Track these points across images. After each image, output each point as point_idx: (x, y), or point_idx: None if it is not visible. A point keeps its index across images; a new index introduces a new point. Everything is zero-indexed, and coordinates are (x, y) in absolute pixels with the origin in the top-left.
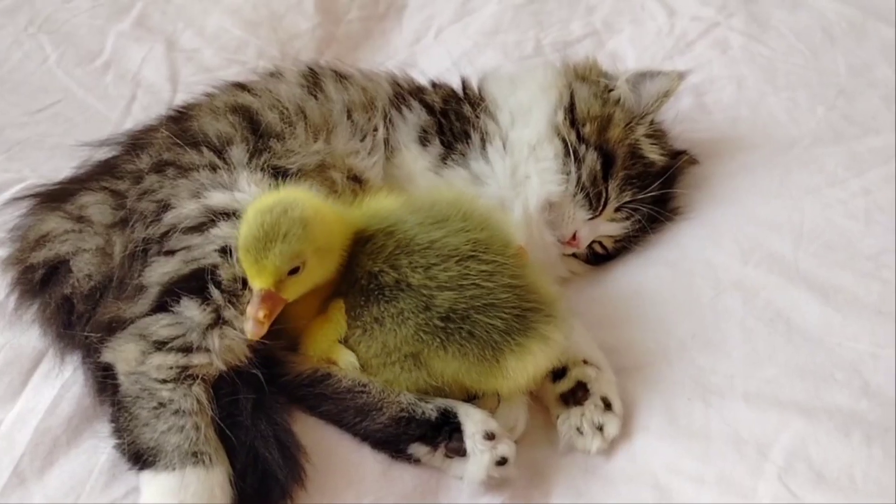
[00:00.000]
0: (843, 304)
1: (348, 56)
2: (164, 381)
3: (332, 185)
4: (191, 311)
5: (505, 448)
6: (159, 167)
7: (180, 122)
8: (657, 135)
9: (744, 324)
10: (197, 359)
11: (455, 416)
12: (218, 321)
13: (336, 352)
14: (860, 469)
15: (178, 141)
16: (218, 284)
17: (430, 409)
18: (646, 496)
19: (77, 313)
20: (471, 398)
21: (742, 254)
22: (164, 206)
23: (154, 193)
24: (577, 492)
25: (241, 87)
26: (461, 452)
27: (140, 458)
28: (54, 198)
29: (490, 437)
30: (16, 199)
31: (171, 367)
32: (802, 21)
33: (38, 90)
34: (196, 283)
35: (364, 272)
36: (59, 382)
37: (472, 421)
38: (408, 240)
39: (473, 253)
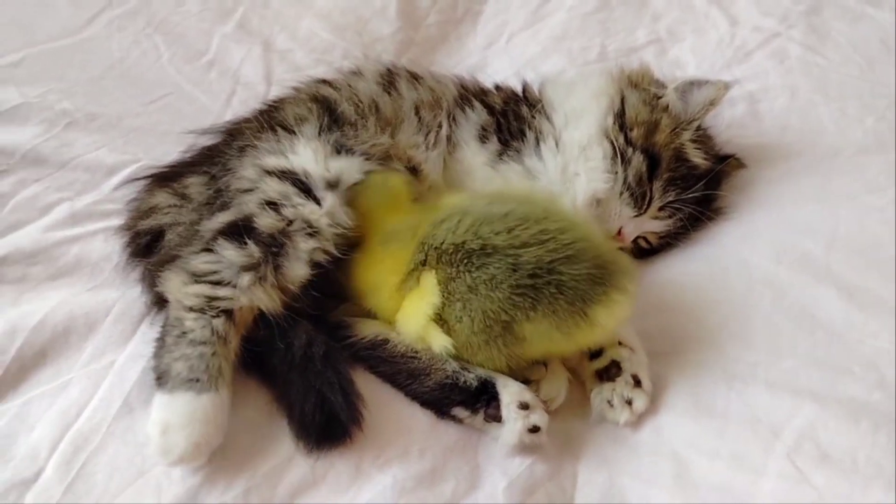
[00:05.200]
0: (866, 303)
1: (425, 58)
2: (191, 310)
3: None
4: (228, 251)
5: (537, 417)
6: (242, 151)
7: (268, 114)
8: (702, 139)
9: (771, 318)
10: (223, 291)
11: (494, 386)
12: (252, 265)
13: (430, 335)
14: (864, 453)
15: (261, 127)
16: (253, 231)
17: (471, 378)
18: (665, 467)
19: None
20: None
21: (776, 254)
22: (232, 175)
23: (234, 172)
24: (603, 458)
25: (324, 82)
26: (497, 419)
27: (158, 379)
28: (165, 177)
29: (524, 406)
30: (132, 179)
31: (199, 296)
32: (861, 33)
33: (152, 84)
34: (236, 230)
35: (449, 245)
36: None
37: (509, 392)
38: (484, 213)
39: (546, 215)
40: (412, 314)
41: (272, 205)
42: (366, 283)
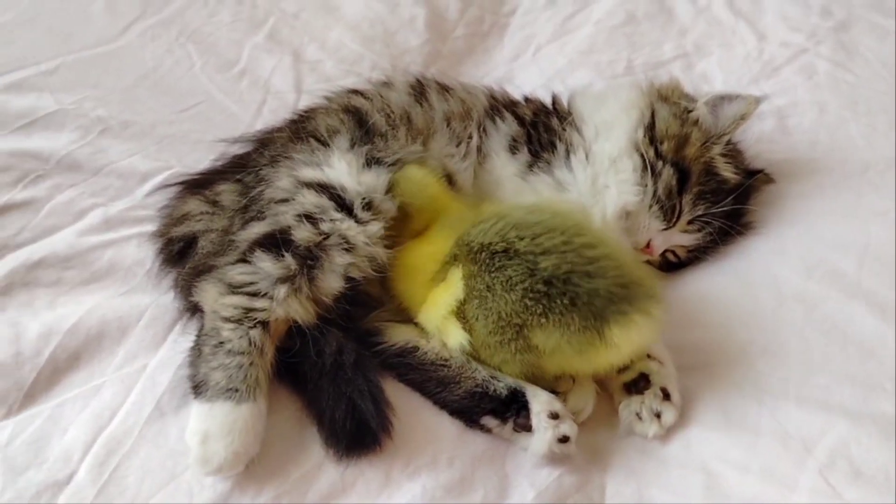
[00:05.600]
0: None
1: (452, 70)
2: (228, 320)
3: None
4: (264, 263)
5: (567, 427)
6: (274, 160)
7: (299, 123)
8: (732, 154)
9: (802, 333)
10: (259, 303)
11: (524, 395)
12: (288, 277)
13: (448, 329)
14: None
15: (293, 137)
16: (290, 244)
17: (501, 386)
18: (695, 480)
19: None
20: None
21: (807, 269)
22: (267, 185)
23: (266, 181)
24: (631, 471)
25: (356, 92)
26: (527, 428)
27: (196, 388)
28: (197, 184)
29: (554, 416)
30: (166, 185)
31: (236, 307)
32: (890, 49)
33: (185, 93)
34: (273, 241)
35: (477, 244)
36: (193, 337)
37: (539, 401)
38: (517, 220)
39: (577, 230)
40: (435, 305)
41: (310, 218)
42: (405, 266)
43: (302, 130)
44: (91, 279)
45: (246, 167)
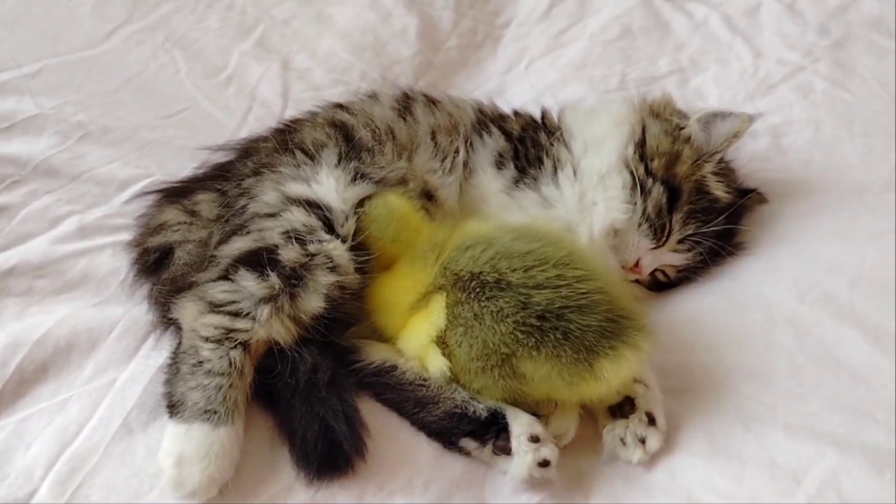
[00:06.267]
0: (892, 347)
1: (443, 81)
2: (208, 340)
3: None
4: (247, 282)
5: (548, 451)
6: (257, 170)
7: (284, 134)
8: (724, 172)
9: (792, 358)
10: (241, 324)
11: (504, 417)
12: (272, 297)
13: (428, 355)
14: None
15: (278, 148)
16: (276, 263)
17: (481, 408)
18: None
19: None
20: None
21: (799, 292)
22: (252, 198)
23: (249, 191)
24: (614, 497)
25: (341, 106)
26: (507, 451)
27: (172, 408)
28: (175, 193)
29: (535, 439)
30: (144, 193)
31: (217, 328)
32: (888, 68)
33: (169, 98)
34: (257, 259)
35: (466, 272)
36: (167, 351)
37: (519, 423)
38: (506, 248)
39: (568, 261)
40: (415, 333)
41: (298, 238)
42: (381, 302)
43: (288, 142)
44: (63, 288)
45: (227, 176)
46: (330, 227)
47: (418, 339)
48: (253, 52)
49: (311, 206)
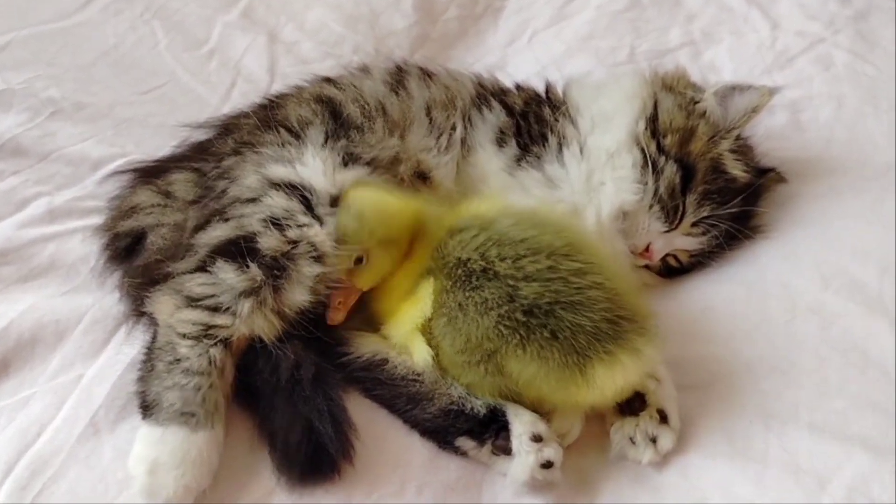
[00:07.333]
0: None
1: (441, 54)
2: (185, 336)
3: (399, 180)
4: (226, 274)
5: (551, 452)
6: (238, 149)
7: (268, 110)
8: (742, 150)
9: (817, 351)
10: (220, 319)
11: (504, 414)
12: (253, 290)
13: (413, 343)
14: None
15: (260, 125)
16: (255, 253)
17: (479, 405)
18: None
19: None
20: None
21: (822, 279)
22: (232, 181)
23: (229, 172)
24: (623, 500)
25: (329, 81)
26: (507, 451)
27: (146, 408)
28: (150, 173)
29: (537, 439)
30: (118, 173)
31: (195, 324)
32: None
33: (147, 73)
34: (236, 249)
35: (453, 258)
36: (139, 344)
37: (521, 421)
38: (501, 234)
39: (567, 252)
40: (402, 320)
41: (276, 223)
42: (385, 309)
43: (271, 118)
44: (29, 276)
45: (206, 155)
46: (310, 209)
47: (404, 325)
48: (238, 24)
49: (293, 188)
